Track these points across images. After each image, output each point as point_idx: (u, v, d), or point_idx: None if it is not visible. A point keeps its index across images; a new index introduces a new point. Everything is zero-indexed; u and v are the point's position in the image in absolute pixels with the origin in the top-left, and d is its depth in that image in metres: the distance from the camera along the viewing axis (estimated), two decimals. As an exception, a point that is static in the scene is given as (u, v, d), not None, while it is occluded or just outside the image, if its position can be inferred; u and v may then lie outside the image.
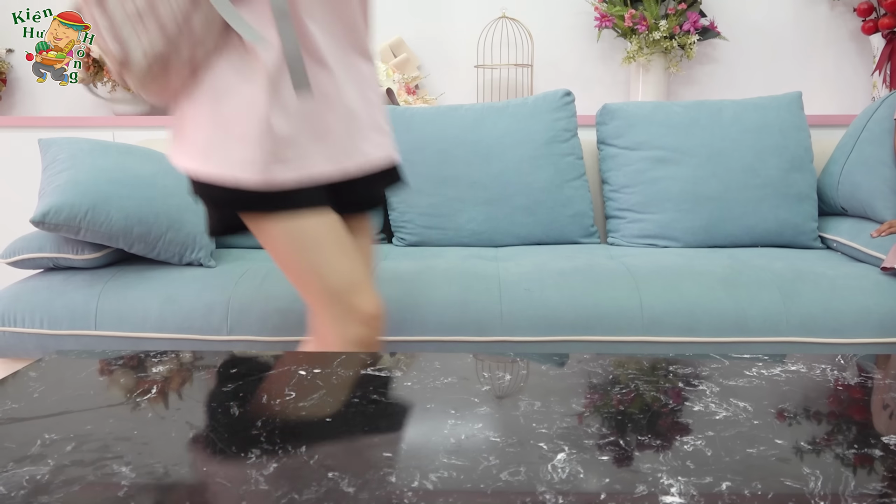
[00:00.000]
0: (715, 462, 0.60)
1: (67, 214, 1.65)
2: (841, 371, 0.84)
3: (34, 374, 0.84)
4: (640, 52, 2.48)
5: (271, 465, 0.60)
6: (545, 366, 0.86)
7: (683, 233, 2.03)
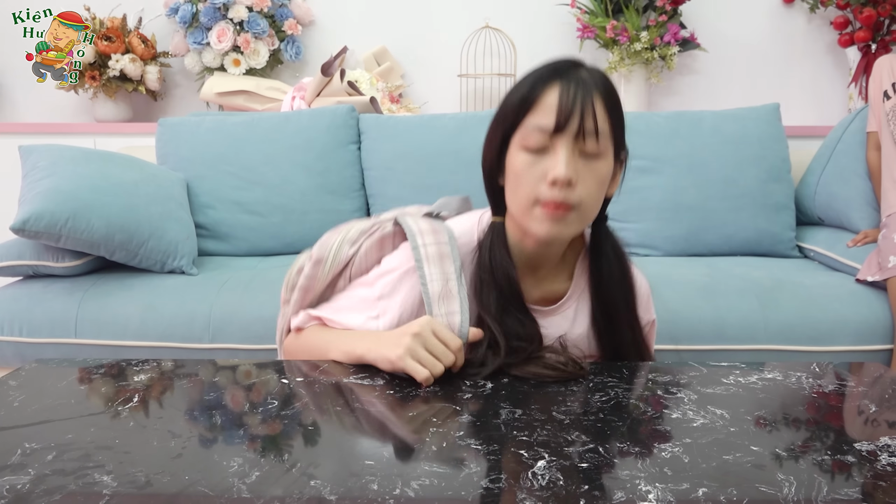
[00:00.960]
0: (692, 468, 0.61)
1: (48, 222, 1.64)
2: (816, 378, 0.85)
3: (14, 382, 0.84)
4: (621, 63, 2.51)
5: (253, 474, 0.61)
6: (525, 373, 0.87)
7: (664, 242, 2.05)
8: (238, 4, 2.53)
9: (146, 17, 2.69)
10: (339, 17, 2.76)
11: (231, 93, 2.56)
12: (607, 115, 0.87)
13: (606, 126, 0.87)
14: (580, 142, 0.86)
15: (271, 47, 2.63)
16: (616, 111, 0.89)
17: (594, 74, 0.89)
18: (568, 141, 0.86)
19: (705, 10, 2.66)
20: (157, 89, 2.70)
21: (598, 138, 0.86)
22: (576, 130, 0.85)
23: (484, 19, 2.62)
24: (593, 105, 0.85)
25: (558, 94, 0.86)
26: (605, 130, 0.87)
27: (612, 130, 0.89)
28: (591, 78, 0.88)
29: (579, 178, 0.86)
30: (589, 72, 0.89)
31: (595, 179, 0.88)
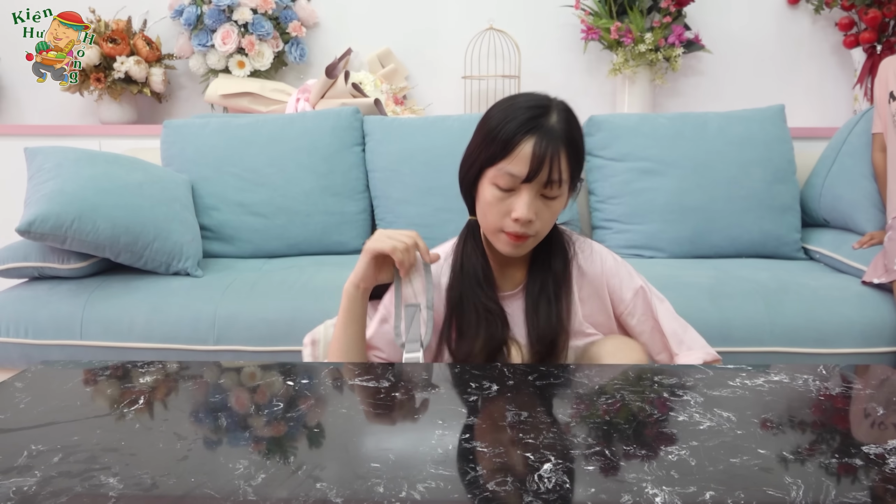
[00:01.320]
0: (699, 471, 0.61)
1: (53, 223, 1.64)
2: (823, 381, 0.85)
3: (20, 384, 0.84)
4: (625, 65, 2.51)
5: (259, 476, 0.61)
6: (532, 376, 0.87)
7: (669, 243, 2.05)
8: (242, 6, 2.53)
9: (151, 20, 2.70)
10: (343, 19, 2.76)
11: (235, 95, 2.57)
12: (568, 164, 1.02)
13: (567, 175, 1.02)
14: (543, 188, 1.01)
15: (276, 49, 2.63)
16: (577, 157, 1.04)
17: (564, 121, 1.02)
18: (533, 188, 1.00)
19: (710, 12, 2.65)
20: (162, 91, 2.70)
21: (560, 185, 1.01)
22: (543, 181, 1.00)
23: (488, 21, 2.62)
24: (559, 159, 1.00)
25: (532, 148, 0.99)
26: (565, 178, 1.01)
27: (571, 175, 1.03)
28: (560, 127, 1.01)
29: (538, 216, 1.02)
30: (559, 117, 1.02)
31: (551, 214, 1.04)
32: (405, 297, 1.08)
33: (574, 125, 1.04)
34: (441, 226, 2.08)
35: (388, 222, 2.17)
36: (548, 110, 1.02)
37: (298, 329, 1.63)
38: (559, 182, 1.00)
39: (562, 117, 1.02)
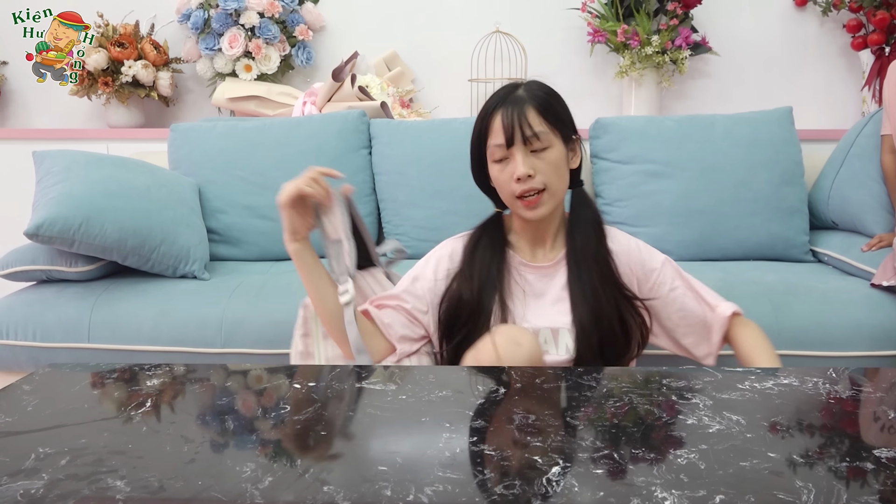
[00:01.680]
0: (708, 475, 0.61)
1: (61, 227, 1.65)
2: (833, 384, 0.84)
3: (28, 387, 0.84)
4: (632, 67, 2.50)
5: (266, 479, 0.61)
6: (539, 378, 0.86)
7: (676, 246, 2.04)
8: (249, 10, 2.54)
9: (158, 24, 2.71)
10: (349, 22, 2.76)
11: (242, 98, 2.57)
12: (542, 118, 1.15)
13: (543, 127, 1.15)
14: (528, 145, 1.15)
15: (282, 53, 2.64)
16: (550, 112, 1.17)
17: (529, 89, 1.18)
18: (519, 147, 1.15)
19: (717, 14, 2.65)
20: (170, 95, 2.71)
21: (539, 138, 1.14)
22: (522, 139, 1.14)
23: (494, 24, 2.62)
24: (527, 116, 1.14)
25: (501, 118, 1.16)
26: (543, 131, 1.15)
27: (552, 127, 1.16)
28: (526, 93, 1.17)
29: (536, 170, 1.15)
30: (525, 89, 1.18)
31: (549, 165, 1.16)
32: (328, 234, 1.18)
33: (540, 87, 1.19)
34: (448, 228, 2.07)
35: (395, 225, 2.17)
36: (514, 88, 1.19)
37: (305, 332, 1.64)
38: (536, 135, 1.14)
39: (527, 87, 1.19)
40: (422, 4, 2.74)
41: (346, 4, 2.75)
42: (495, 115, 1.17)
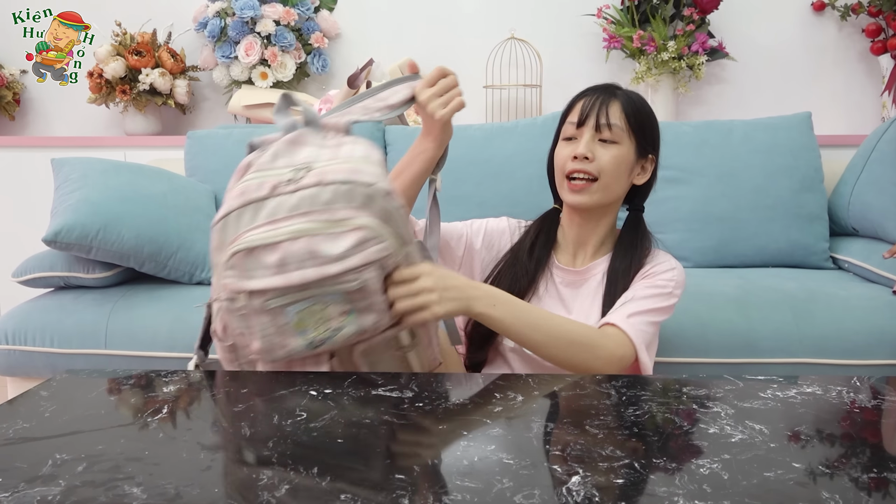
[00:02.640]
0: (732, 485, 0.60)
1: (79, 233, 1.66)
2: (856, 393, 0.83)
3: (45, 393, 0.84)
4: (648, 73, 2.49)
5: (283, 487, 0.60)
6: (557, 386, 0.85)
7: (694, 253, 2.02)
8: (266, 18, 2.56)
9: (175, 32, 2.73)
10: (365, 29, 2.77)
11: (258, 105, 2.58)
12: (623, 114, 1.17)
13: (621, 122, 1.16)
14: (598, 132, 1.16)
15: (298, 60, 2.65)
16: (633, 115, 1.17)
17: (625, 91, 1.20)
18: (588, 131, 1.17)
19: (734, 19, 2.63)
20: (186, 103, 2.73)
21: (611, 129, 1.15)
22: (594, 124, 1.16)
23: (509, 30, 2.61)
24: (608, 107, 1.16)
25: (584, 100, 1.19)
26: (618, 124, 1.16)
27: (630, 127, 1.17)
28: (618, 91, 1.19)
29: (596, 156, 1.16)
30: (621, 90, 1.20)
31: (610, 157, 1.16)
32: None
33: (637, 96, 1.20)
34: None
35: (410, 232, 2.16)
36: (614, 86, 1.21)
37: (320, 339, 1.63)
38: (609, 126, 1.15)
39: (626, 91, 1.21)
40: (437, 12, 2.74)
41: (361, 12, 2.76)
42: (582, 99, 1.20)
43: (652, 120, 1.21)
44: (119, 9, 2.72)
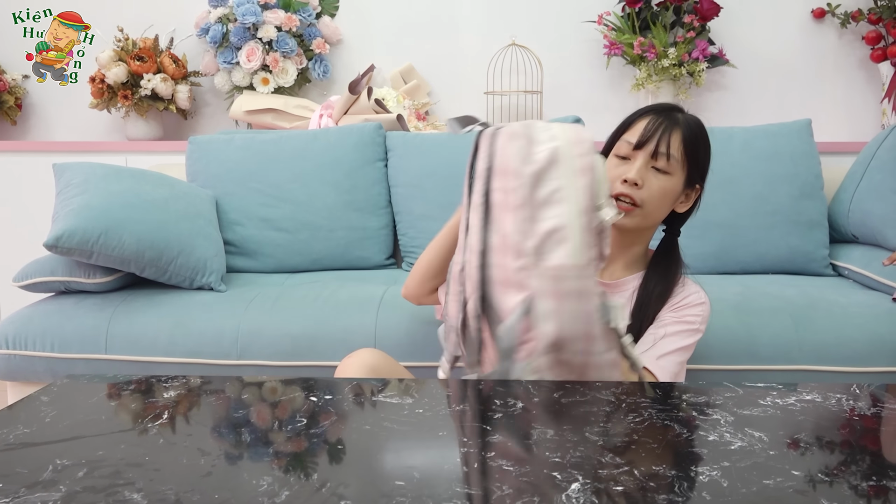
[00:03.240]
0: (731, 493, 0.60)
1: (80, 238, 1.66)
2: (856, 401, 0.83)
3: (45, 398, 0.84)
4: (648, 80, 2.50)
5: (283, 493, 0.60)
6: (557, 393, 0.85)
7: (693, 259, 2.02)
8: (267, 24, 2.56)
9: (177, 38, 2.74)
10: (366, 36, 2.78)
11: (260, 111, 2.59)
12: (682, 145, 1.15)
13: (678, 153, 1.15)
14: (654, 159, 1.15)
15: (299, 66, 2.66)
16: (691, 147, 1.16)
17: (686, 117, 1.18)
18: (644, 156, 1.15)
19: (734, 26, 2.64)
20: (188, 108, 2.74)
21: (668, 159, 1.14)
22: (652, 150, 1.14)
23: (510, 37, 2.62)
24: (670, 135, 1.14)
25: (647, 121, 1.17)
26: (675, 155, 1.15)
27: (686, 159, 1.16)
28: (681, 118, 1.17)
29: (646, 184, 1.14)
30: (683, 115, 1.19)
31: (659, 188, 1.15)
32: None
33: (698, 125, 1.19)
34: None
35: (411, 237, 2.16)
36: (678, 108, 1.20)
37: (321, 344, 1.64)
38: (667, 156, 1.14)
39: (687, 117, 1.19)
40: (438, 18, 2.75)
41: (362, 18, 2.77)
42: (646, 117, 1.18)
43: (706, 151, 1.21)
44: (121, 14, 2.73)
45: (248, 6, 2.54)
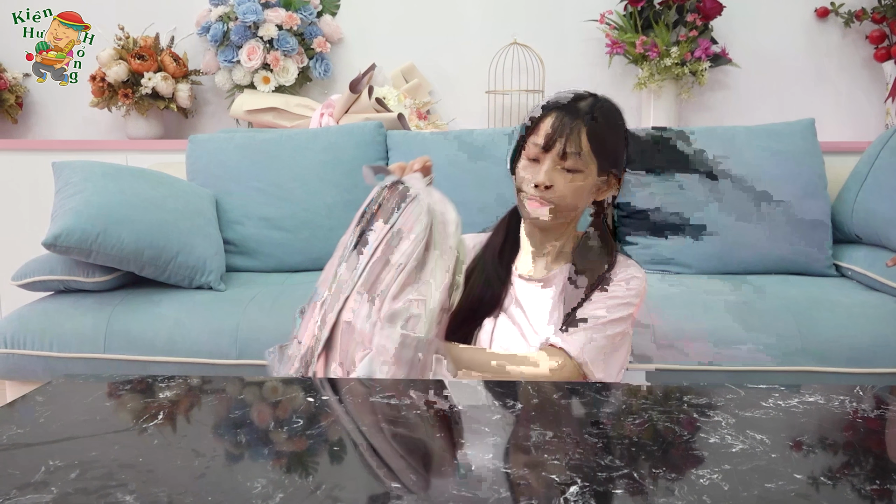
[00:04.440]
0: (732, 496, 0.59)
1: (79, 237, 1.65)
2: (859, 402, 0.82)
3: (41, 398, 0.83)
4: (651, 79, 2.48)
5: (277, 495, 0.59)
6: (556, 394, 0.84)
7: (696, 259, 2.01)
8: (268, 23, 2.56)
9: (178, 36, 2.73)
10: (367, 34, 2.77)
11: (260, 110, 2.58)
12: (590, 141, 1.13)
13: (587, 150, 1.13)
14: (561, 160, 1.13)
15: (300, 65, 2.65)
16: (598, 139, 1.13)
17: (592, 107, 1.14)
18: (552, 157, 1.14)
19: (737, 25, 2.62)
20: (188, 107, 2.73)
21: (578, 157, 1.12)
22: (559, 151, 1.13)
23: (512, 35, 2.61)
24: (576, 134, 1.12)
25: (551, 122, 1.14)
26: (585, 153, 1.13)
27: (594, 152, 1.13)
28: (584, 110, 1.14)
29: (556, 185, 1.14)
30: (589, 104, 1.15)
31: (571, 188, 1.14)
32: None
33: (605, 113, 1.15)
34: (464, 241, 2.07)
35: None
36: (582, 98, 1.16)
37: (320, 344, 1.63)
38: (577, 154, 1.12)
39: (594, 104, 1.15)
40: (439, 17, 2.74)
41: (363, 17, 2.76)
42: (548, 117, 1.15)
43: (616, 137, 1.18)
44: (122, 13, 2.72)
45: (248, 4, 2.53)
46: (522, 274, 1.25)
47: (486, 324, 1.22)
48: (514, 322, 1.21)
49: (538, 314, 1.21)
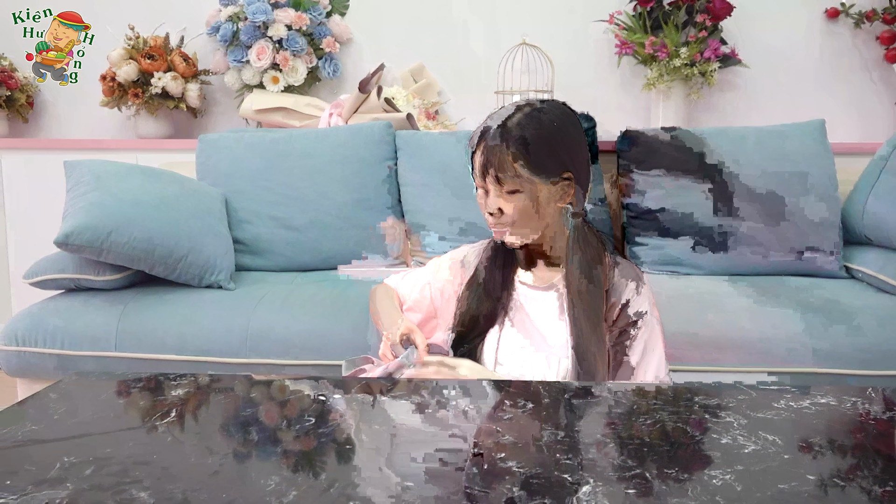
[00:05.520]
0: (745, 497, 0.59)
1: (90, 236, 1.66)
2: (871, 404, 0.82)
3: (54, 395, 0.84)
4: (660, 79, 2.48)
5: (291, 493, 0.60)
6: (568, 394, 0.84)
7: (706, 261, 2.01)
8: (277, 23, 2.56)
9: (188, 36, 2.74)
10: (376, 34, 2.77)
11: (269, 110, 2.59)
12: (517, 162, 1.12)
13: (517, 170, 1.12)
14: (500, 186, 1.14)
15: (309, 65, 2.65)
16: (526, 156, 1.12)
17: (511, 129, 1.13)
18: (492, 185, 1.15)
19: (746, 26, 2.61)
20: (198, 106, 2.74)
21: (515, 179, 1.12)
22: (495, 179, 1.14)
23: (521, 36, 2.61)
24: (502, 159, 1.12)
25: (479, 157, 1.16)
26: (515, 175, 1.12)
27: (530, 170, 1.12)
28: (508, 131, 1.13)
29: (504, 210, 1.15)
30: (517, 120, 1.14)
31: (518, 208, 1.14)
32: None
33: (523, 127, 1.13)
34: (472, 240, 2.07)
35: (420, 236, 2.16)
36: (516, 112, 1.15)
37: (330, 343, 1.63)
38: (513, 177, 1.12)
39: (524, 119, 1.14)
40: (448, 17, 2.74)
41: (372, 17, 2.76)
42: (477, 153, 1.16)
43: (561, 143, 1.15)
44: (132, 13, 2.73)
45: (258, 5, 2.54)
46: (524, 281, 1.25)
47: (492, 332, 1.23)
48: (520, 329, 1.22)
49: (545, 320, 1.21)
